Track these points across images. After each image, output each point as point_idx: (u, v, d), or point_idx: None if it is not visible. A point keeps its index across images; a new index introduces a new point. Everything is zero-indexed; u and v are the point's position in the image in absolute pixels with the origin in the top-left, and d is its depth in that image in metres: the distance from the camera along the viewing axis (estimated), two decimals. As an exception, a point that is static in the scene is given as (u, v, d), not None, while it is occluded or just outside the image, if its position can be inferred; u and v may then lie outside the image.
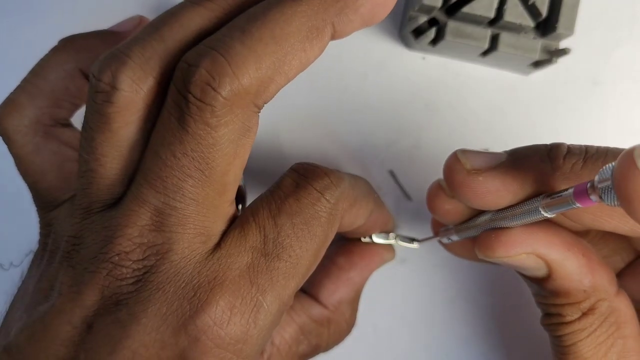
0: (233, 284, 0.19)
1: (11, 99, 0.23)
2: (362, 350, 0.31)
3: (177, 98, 0.18)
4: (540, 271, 0.22)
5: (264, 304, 0.19)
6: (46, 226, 0.22)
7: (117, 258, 0.19)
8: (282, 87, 0.19)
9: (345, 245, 0.28)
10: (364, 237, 0.28)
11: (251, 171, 0.30)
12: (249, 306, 0.19)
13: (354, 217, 0.24)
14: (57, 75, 0.23)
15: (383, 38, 0.32)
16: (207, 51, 0.18)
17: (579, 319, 0.22)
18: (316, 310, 0.26)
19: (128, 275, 0.19)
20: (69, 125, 0.24)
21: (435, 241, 0.28)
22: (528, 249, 0.21)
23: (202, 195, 0.19)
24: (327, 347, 0.27)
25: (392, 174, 0.32)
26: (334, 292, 0.27)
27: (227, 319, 0.19)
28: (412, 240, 0.29)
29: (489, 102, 0.32)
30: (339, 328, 0.27)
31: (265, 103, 0.19)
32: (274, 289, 0.20)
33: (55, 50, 0.23)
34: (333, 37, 0.20)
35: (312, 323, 0.26)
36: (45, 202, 0.22)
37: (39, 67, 0.23)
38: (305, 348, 0.26)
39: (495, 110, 0.33)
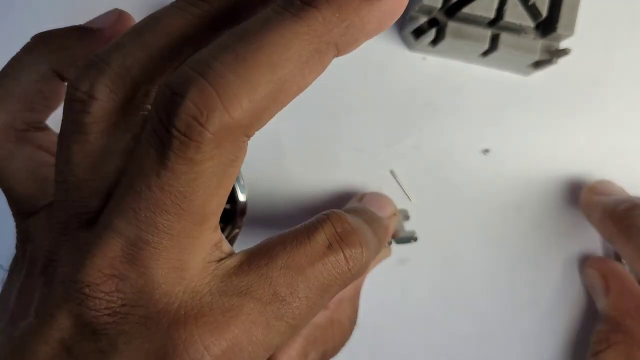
0: (225, 330, 0.18)
1: None
2: (363, 350, 0.31)
3: (158, 128, 0.16)
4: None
5: (250, 351, 0.18)
6: (24, 233, 0.21)
7: (87, 290, 0.17)
8: (275, 114, 0.18)
9: None
10: None
11: (251, 171, 0.30)
12: (236, 354, 0.18)
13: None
14: (30, 77, 0.21)
15: (383, 38, 0.32)
16: (194, 78, 0.16)
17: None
18: (318, 315, 0.26)
19: (102, 307, 0.17)
20: (43, 128, 0.23)
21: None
22: None
23: (178, 228, 0.17)
24: (334, 350, 0.27)
25: (392, 174, 0.32)
26: None
27: None
28: (410, 239, 0.29)
29: (489, 102, 0.32)
30: (343, 327, 0.27)
31: (256, 131, 0.18)
32: (265, 343, 0.18)
33: (27, 50, 0.22)
34: (336, 56, 0.18)
35: (316, 330, 0.26)
36: (21, 209, 0.21)
37: (9, 67, 0.22)
38: (314, 357, 0.25)
39: (495, 110, 0.33)
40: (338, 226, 0.19)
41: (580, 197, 0.30)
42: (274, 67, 0.16)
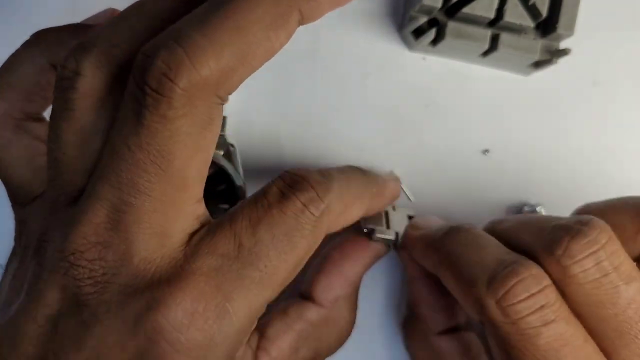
0: (196, 288, 0.18)
1: None
2: (362, 351, 0.31)
3: (133, 89, 0.18)
4: None
5: (230, 311, 0.19)
6: (21, 223, 0.22)
7: (72, 258, 0.18)
8: (247, 77, 0.19)
9: (339, 240, 0.28)
10: (365, 229, 0.28)
11: (251, 171, 0.31)
12: (213, 312, 0.18)
13: (346, 220, 0.23)
14: (28, 70, 0.22)
15: (383, 38, 0.32)
16: (165, 41, 0.17)
17: None
18: (312, 312, 0.26)
19: (85, 276, 0.18)
20: (41, 119, 0.24)
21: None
22: None
23: (159, 190, 0.18)
24: (329, 350, 0.26)
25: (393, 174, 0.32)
26: (329, 287, 0.26)
27: (188, 324, 0.18)
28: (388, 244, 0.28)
29: (489, 102, 0.33)
30: (338, 327, 0.27)
31: (229, 94, 0.19)
32: (243, 297, 0.19)
33: (26, 45, 0.23)
34: (301, 22, 0.19)
35: (309, 327, 0.25)
36: (18, 198, 0.22)
37: (9, 61, 0.23)
38: (305, 353, 0.25)
39: (495, 110, 0.33)
40: (287, 178, 0.20)
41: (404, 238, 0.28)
42: (239, 29, 0.17)
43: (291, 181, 0.20)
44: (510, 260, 0.22)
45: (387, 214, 0.28)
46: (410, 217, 0.30)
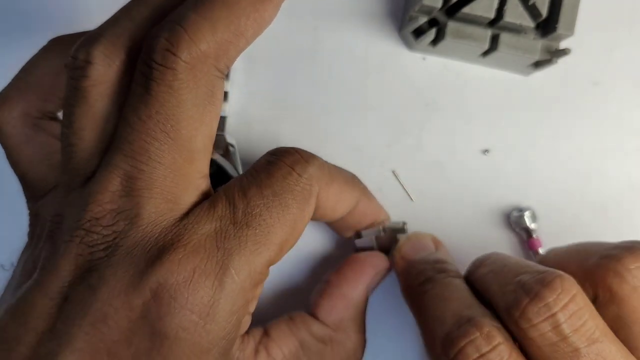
0: (198, 246, 0.19)
1: (1, 94, 0.24)
2: (364, 354, 0.31)
3: (142, 67, 0.19)
4: None
5: (231, 268, 0.19)
6: (34, 216, 0.23)
7: (88, 224, 0.19)
8: (243, 49, 0.20)
9: (338, 264, 0.28)
10: (351, 234, 0.28)
11: (251, 171, 0.31)
12: (214, 268, 0.19)
13: (335, 201, 0.24)
14: (45, 72, 0.24)
15: (383, 39, 0.32)
16: (166, 24, 0.19)
17: None
18: (317, 327, 0.26)
19: (99, 242, 0.19)
20: (56, 118, 0.25)
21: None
22: None
23: (169, 159, 0.20)
24: None
25: (394, 174, 0.32)
26: (331, 309, 0.26)
27: (190, 279, 0.19)
28: (401, 227, 0.28)
29: (489, 102, 0.33)
30: (344, 349, 0.26)
31: (228, 67, 0.20)
32: (241, 254, 0.20)
33: (44, 49, 0.24)
34: None
35: (312, 339, 0.25)
36: (33, 192, 0.23)
37: (28, 64, 0.24)
38: None
39: (495, 110, 0.33)
40: (272, 150, 0.22)
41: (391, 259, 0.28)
42: (228, 4, 0.20)
43: (277, 151, 0.22)
44: (467, 317, 0.22)
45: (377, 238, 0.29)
46: (404, 224, 0.29)
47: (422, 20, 0.29)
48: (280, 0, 0.20)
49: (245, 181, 0.21)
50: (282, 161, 0.21)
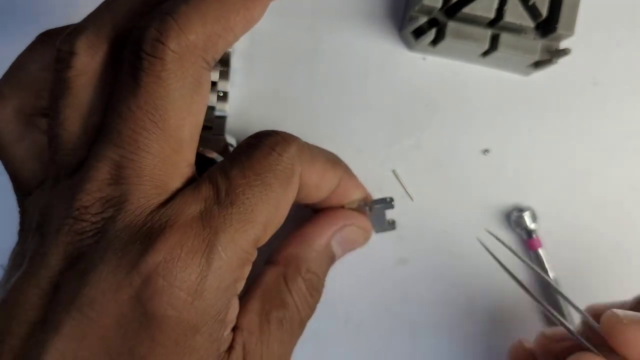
0: (184, 226, 0.20)
1: None
2: (363, 351, 0.31)
3: (130, 57, 0.20)
4: None
5: (217, 245, 0.20)
6: (24, 212, 0.23)
7: (77, 213, 0.19)
8: (231, 44, 0.20)
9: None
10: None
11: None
12: (201, 246, 0.19)
13: (318, 179, 0.24)
14: (36, 67, 0.24)
15: (383, 39, 0.32)
16: (157, 14, 0.20)
17: None
18: (270, 273, 0.25)
19: (87, 229, 0.19)
20: (48, 115, 0.24)
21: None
22: None
23: (157, 148, 0.20)
24: (301, 314, 0.25)
25: (395, 174, 0.32)
26: (285, 246, 0.26)
27: (178, 257, 0.19)
28: (388, 202, 0.28)
29: (489, 102, 0.33)
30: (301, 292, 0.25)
31: (215, 59, 0.20)
32: (227, 232, 0.20)
33: (34, 44, 0.24)
34: None
35: (270, 285, 0.25)
36: (23, 189, 0.23)
37: (18, 60, 0.24)
38: (276, 316, 0.24)
39: (495, 110, 0.33)
40: (253, 134, 0.23)
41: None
42: (220, 0, 0.20)
43: (258, 134, 0.22)
44: None
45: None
46: (391, 206, 0.29)
47: (422, 20, 0.29)
48: (269, 0, 0.21)
49: (228, 164, 0.21)
50: (263, 142, 0.22)
